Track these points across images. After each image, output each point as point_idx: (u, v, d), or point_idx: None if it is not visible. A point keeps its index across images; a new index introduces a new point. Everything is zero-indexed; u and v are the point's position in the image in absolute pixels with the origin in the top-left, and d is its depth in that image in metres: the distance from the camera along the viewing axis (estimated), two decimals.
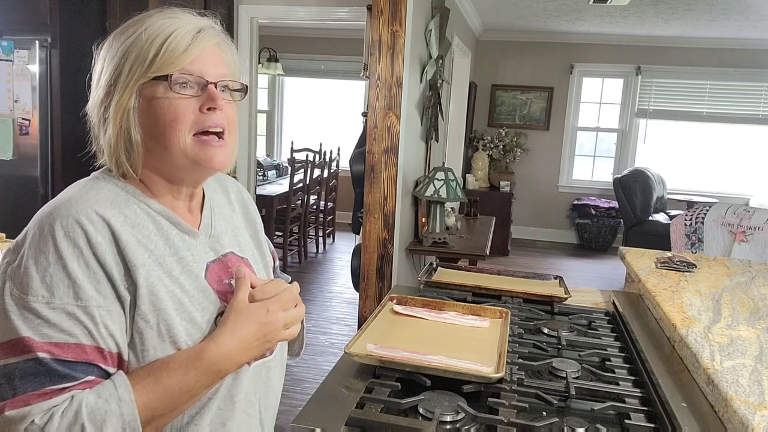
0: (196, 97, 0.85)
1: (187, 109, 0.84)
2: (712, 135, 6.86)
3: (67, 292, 0.76)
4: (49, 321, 0.75)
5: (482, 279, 1.87)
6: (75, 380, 0.75)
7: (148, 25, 0.85)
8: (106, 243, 0.79)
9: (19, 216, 3.77)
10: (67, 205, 0.80)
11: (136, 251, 0.81)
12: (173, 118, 0.83)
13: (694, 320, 1.38)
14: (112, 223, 0.80)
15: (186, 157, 0.85)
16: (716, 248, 3.39)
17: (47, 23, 3.67)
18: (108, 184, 0.86)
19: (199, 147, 0.85)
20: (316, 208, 6.09)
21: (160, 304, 0.81)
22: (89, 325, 0.76)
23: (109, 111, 0.84)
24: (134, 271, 0.80)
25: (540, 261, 6.36)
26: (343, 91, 7.68)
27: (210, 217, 0.96)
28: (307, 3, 4.10)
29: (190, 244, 0.89)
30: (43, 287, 0.75)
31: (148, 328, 0.80)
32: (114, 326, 0.78)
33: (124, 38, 0.86)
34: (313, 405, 1.06)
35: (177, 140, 0.84)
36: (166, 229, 0.87)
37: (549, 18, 5.89)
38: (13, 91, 3.71)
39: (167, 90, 0.83)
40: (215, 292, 0.89)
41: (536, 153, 7.17)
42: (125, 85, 0.83)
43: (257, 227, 1.07)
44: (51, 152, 3.77)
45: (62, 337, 0.75)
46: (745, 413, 0.94)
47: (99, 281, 0.78)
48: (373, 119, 3.25)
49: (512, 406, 1.06)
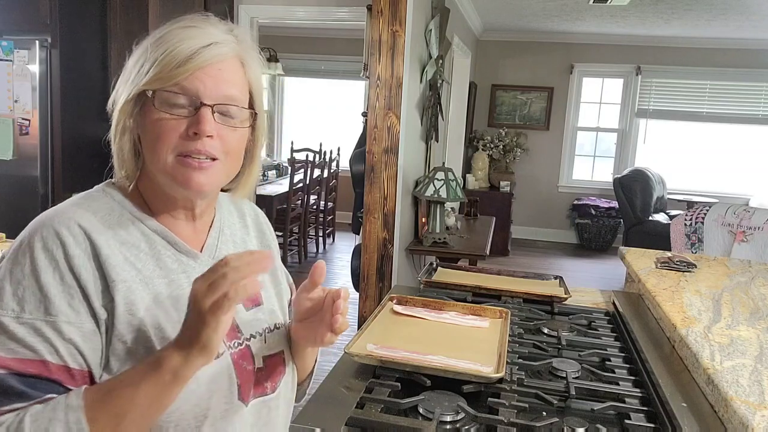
0: (186, 118, 0.78)
1: (172, 129, 0.78)
2: (712, 135, 6.86)
3: (37, 307, 0.72)
4: (14, 336, 0.71)
5: (482, 279, 1.87)
6: (33, 398, 0.70)
7: (165, 32, 0.80)
8: (84, 256, 0.74)
9: (19, 216, 3.78)
10: (52, 216, 0.77)
11: (117, 266, 0.76)
12: (156, 136, 0.78)
13: (694, 320, 1.38)
14: (94, 237, 0.76)
15: (166, 175, 0.79)
16: (716, 248, 3.39)
17: (47, 23, 3.66)
18: (105, 198, 0.82)
19: (177, 167, 0.78)
20: (316, 208, 6.09)
21: (139, 324, 0.76)
22: (56, 341, 0.72)
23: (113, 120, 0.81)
24: (113, 286, 0.75)
25: (540, 261, 6.35)
26: (343, 91, 7.68)
27: (216, 239, 0.90)
28: (307, 3, 4.10)
29: (188, 265, 0.84)
30: (14, 300, 0.72)
31: (125, 350, 0.75)
32: (84, 344, 0.73)
33: (147, 39, 0.81)
34: (313, 405, 1.06)
35: (159, 158, 0.78)
36: (160, 249, 0.82)
37: (549, 18, 5.89)
38: (13, 91, 3.71)
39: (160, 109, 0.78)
40: None
41: (536, 153, 7.17)
42: (127, 90, 0.80)
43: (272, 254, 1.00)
44: (51, 152, 3.76)
45: (26, 354, 0.71)
46: (745, 413, 0.94)
47: (72, 296, 0.73)
48: (373, 119, 3.25)
49: (512, 406, 1.06)
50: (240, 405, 0.83)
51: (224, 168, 0.82)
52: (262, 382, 0.88)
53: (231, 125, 0.81)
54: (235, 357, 0.84)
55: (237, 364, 0.84)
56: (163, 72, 0.77)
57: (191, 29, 0.80)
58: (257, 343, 0.89)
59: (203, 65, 0.78)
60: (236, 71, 0.82)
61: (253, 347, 0.88)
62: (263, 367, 0.88)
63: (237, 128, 0.82)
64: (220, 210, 0.94)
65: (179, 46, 0.77)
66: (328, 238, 6.57)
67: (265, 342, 0.90)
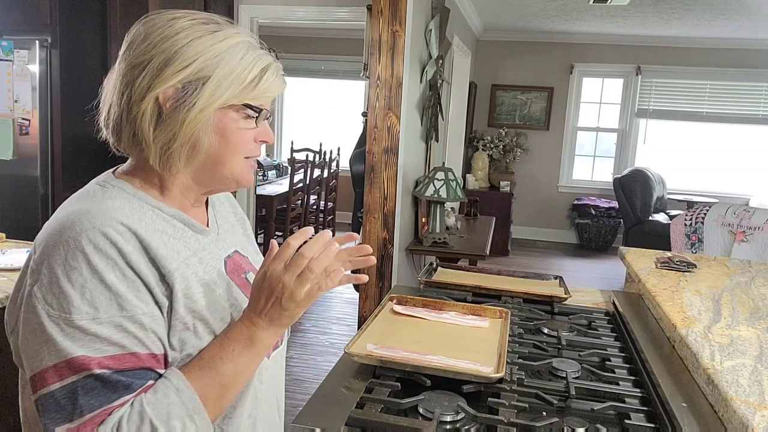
0: (255, 129, 0.87)
1: (249, 138, 0.87)
2: (712, 135, 6.86)
3: (110, 305, 0.75)
4: (99, 336, 0.74)
5: (482, 279, 1.87)
6: (138, 387, 0.76)
7: (239, 41, 0.84)
8: (137, 252, 0.78)
9: (19, 216, 3.78)
10: (88, 218, 0.78)
11: (166, 256, 0.81)
12: (237, 144, 0.85)
13: (694, 320, 1.38)
14: (139, 232, 0.79)
15: (233, 175, 0.87)
16: (716, 248, 3.39)
17: (47, 23, 3.67)
18: (119, 193, 0.84)
19: (246, 169, 0.88)
20: (316, 208, 6.08)
21: (195, 306, 0.82)
22: (139, 333, 0.77)
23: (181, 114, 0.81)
24: (169, 276, 0.80)
25: (540, 261, 6.36)
26: (343, 91, 7.69)
27: (215, 216, 0.98)
28: (307, 3, 4.10)
29: (205, 243, 0.91)
30: (85, 303, 0.74)
31: (185, 330, 0.81)
32: (160, 330, 0.79)
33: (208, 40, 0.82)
34: (313, 405, 1.06)
35: (232, 162, 0.86)
36: (182, 231, 0.87)
37: (549, 18, 5.89)
38: (13, 91, 3.71)
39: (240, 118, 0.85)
40: (238, 286, 0.92)
41: (536, 153, 7.17)
42: (212, 94, 0.81)
43: (246, 225, 1.09)
44: (51, 152, 3.77)
45: (116, 350, 0.75)
46: (745, 413, 0.94)
47: (138, 289, 0.77)
48: (373, 119, 3.25)
49: (512, 406, 1.06)
50: (265, 359, 0.92)
51: None
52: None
53: None
54: None
55: None
56: (265, 93, 0.86)
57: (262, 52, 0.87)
58: None
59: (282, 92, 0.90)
60: None
61: None
62: None
63: None
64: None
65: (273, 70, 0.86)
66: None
67: None
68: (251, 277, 0.97)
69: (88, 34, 3.88)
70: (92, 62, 3.91)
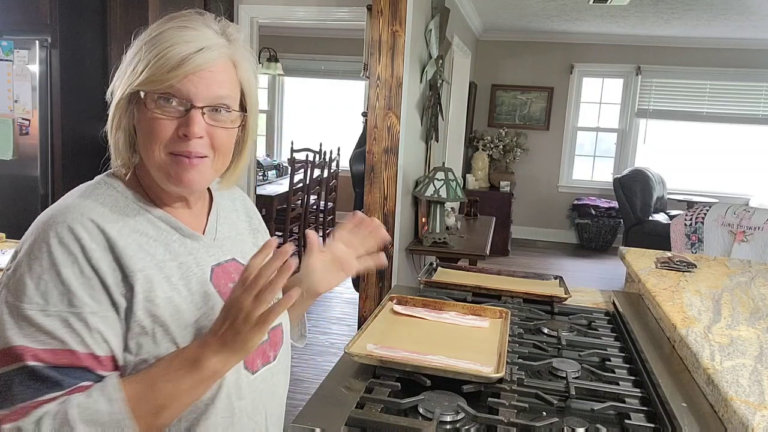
0: (177, 119, 0.81)
1: (164, 128, 0.81)
2: (712, 135, 6.86)
3: (61, 299, 0.75)
4: (42, 328, 0.75)
5: (482, 279, 1.87)
6: (69, 386, 0.75)
7: (159, 31, 0.82)
8: (100, 249, 0.78)
9: (19, 216, 3.78)
10: (63, 212, 0.80)
11: (134, 256, 0.80)
12: (149, 134, 0.82)
13: (694, 320, 1.38)
14: (107, 230, 0.80)
15: (159, 171, 0.84)
16: (716, 248, 3.39)
17: (47, 23, 3.67)
18: (108, 190, 0.86)
19: (170, 164, 0.83)
20: (316, 208, 6.08)
21: (156, 310, 0.80)
22: (83, 332, 0.76)
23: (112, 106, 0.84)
24: (132, 276, 0.79)
25: (540, 261, 6.36)
26: (343, 91, 7.68)
27: (215, 221, 0.96)
28: (307, 3, 4.10)
29: (193, 248, 0.89)
30: (38, 294, 0.75)
31: (143, 335, 0.80)
32: (109, 331, 0.78)
33: (144, 35, 0.83)
34: (313, 405, 1.06)
35: (152, 155, 0.83)
36: (167, 234, 0.86)
37: (549, 18, 5.89)
38: (13, 91, 3.71)
39: (152, 108, 0.81)
40: (220, 295, 0.89)
41: (536, 153, 7.17)
42: (124, 86, 0.82)
43: (259, 236, 1.06)
44: (51, 152, 3.77)
45: (56, 344, 0.75)
46: (745, 413, 0.94)
47: (93, 287, 0.77)
48: (373, 119, 3.25)
49: (512, 406, 1.06)
50: (247, 374, 0.89)
51: (214, 165, 0.87)
52: (267, 351, 0.95)
53: (221, 125, 0.85)
54: None
55: None
56: (156, 75, 0.79)
57: (185, 31, 0.81)
58: None
59: (195, 70, 0.80)
60: (227, 72, 0.85)
61: None
62: (267, 339, 0.94)
63: (227, 128, 0.86)
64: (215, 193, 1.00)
65: (171, 51, 0.79)
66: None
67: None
68: None
69: (88, 34, 3.87)
70: (92, 62, 3.91)
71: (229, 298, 0.78)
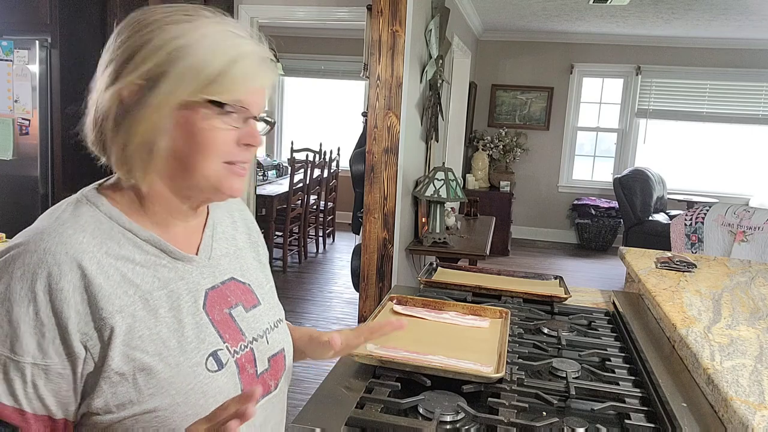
0: (236, 129, 0.77)
1: (225, 139, 0.76)
2: (712, 135, 6.86)
3: (3, 341, 0.66)
4: None
5: (482, 279, 1.87)
6: None
7: (205, 33, 0.74)
8: (70, 290, 0.68)
9: (19, 216, 3.78)
10: (36, 239, 0.70)
11: (113, 294, 0.71)
12: (208, 145, 0.75)
13: (694, 320, 1.38)
14: (85, 265, 0.70)
15: (208, 181, 0.77)
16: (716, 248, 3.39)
17: (47, 23, 3.67)
18: (90, 210, 0.76)
19: (225, 175, 0.77)
20: (316, 208, 6.09)
21: (136, 354, 0.71)
22: (16, 383, 0.67)
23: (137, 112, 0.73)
24: (108, 319, 0.70)
25: (540, 261, 6.36)
26: (343, 91, 7.68)
27: (211, 238, 0.87)
28: (307, 3, 4.10)
29: (185, 271, 0.80)
30: None
31: (122, 381, 0.71)
32: (46, 387, 0.68)
33: (173, 32, 0.73)
34: (313, 405, 1.06)
35: (205, 166, 0.75)
36: (155, 258, 0.77)
37: (549, 18, 5.89)
38: (13, 91, 3.71)
39: (213, 116, 0.74)
40: (214, 324, 0.80)
41: (536, 153, 7.17)
42: (169, 91, 0.72)
43: (260, 249, 0.99)
44: (51, 152, 3.77)
45: None
46: (745, 413, 0.94)
47: (43, 335, 0.67)
48: (373, 119, 3.25)
49: (512, 406, 1.06)
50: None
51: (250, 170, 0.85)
52: (268, 381, 0.88)
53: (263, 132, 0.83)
54: (240, 362, 0.82)
55: (242, 369, 0.82)
56: (235, 84, 0.74)
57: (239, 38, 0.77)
58: (261, 346, 0.87)
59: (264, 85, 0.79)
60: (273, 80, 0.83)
61: (256, 351, 0.86)
62: (268, 368, 0.88)
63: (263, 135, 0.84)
64: (212, 208, 0.92)
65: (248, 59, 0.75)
66: (328, 238, 6.57)
67: (268, 342, 0.89)
68: (238, 311, 0.85)
69: (88, 34, 3.88)
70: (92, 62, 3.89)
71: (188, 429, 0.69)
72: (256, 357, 0.86)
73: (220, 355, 0.79)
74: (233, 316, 0.84)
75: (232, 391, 0.79)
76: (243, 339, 0.84)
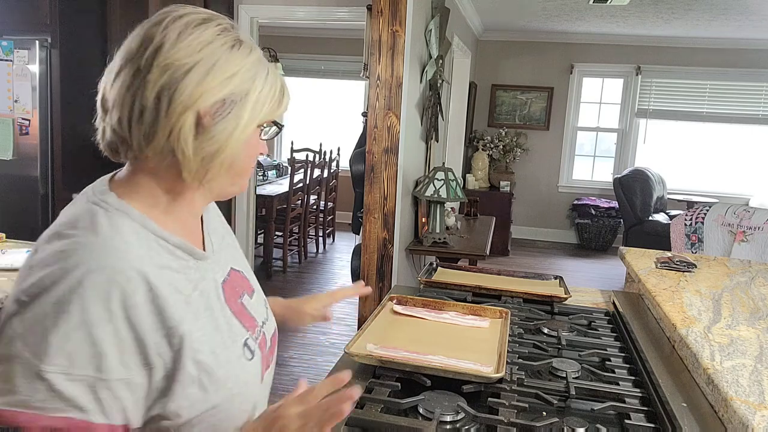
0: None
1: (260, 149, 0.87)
2: (712, 135, 6.86)
3: (89, 363, 0.66)
4: (62, 395, 0.65)
5: (482, 279, 1.87)
6: None
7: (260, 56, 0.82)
8: (143, 304, 0.70)
9: (19, 216, 3.78)
10: (95, 255, 0.69)
11: (174, 305, 0.73)
12: (254, 157, 0.85)
13: (694, 320, 1.38)
14: (150, 279, 0.71)
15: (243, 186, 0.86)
16: (716, 248, 3.39)
17: (47, 23, 3.67)
18: (126, 220, 0.75)
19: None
20: (316, 208, 6.09)
21: (198, 355, 0.74)
22: (107, 400, 0.68)
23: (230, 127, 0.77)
24: (176, 329, 0.72)
25: (540, 261, 6.36)
26: (343, 91, 7.68)
27: (209, 234, 0.90)
28: (307, 3, 4.10)
29: (204, 270, 0.82)
30: (62, 355, 0.65)
31: (191, 384, 0.73)
32: (129, 399, 0.70)
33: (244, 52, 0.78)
34: None
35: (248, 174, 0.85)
36: (185, 263, 0.79)
37: (549, 18, 5.89)
38: (13, 91, 3.71)
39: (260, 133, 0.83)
40: (235, 315, 0.84)
41: (536, 153, 7.17)
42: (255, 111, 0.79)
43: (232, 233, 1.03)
44: (51, 152, 3.77)
45: (74, 413, 0.66)
46: (745, 413, 0.94)
47: (124, 351, 0.68)
48: (373, 119, 3.25)
49: (512, 406, 1.06)
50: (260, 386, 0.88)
51: None
52: (269, 359, 0.93)
53: None
54: (261, 346, 0.89)
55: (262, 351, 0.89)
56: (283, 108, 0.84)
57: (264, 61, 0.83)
58: (266, 328, 0.93)
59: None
60: None
61: (266, 332, 0.93)
62: (270, 346, 0.94)
63: None
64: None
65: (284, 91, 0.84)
66: (328, 238, 6.57)
67: (268, 323, 0.95)
68: (246, 299, 0.90)
69: (88, 34, 3.87)
70: (92, 62, 3.91)
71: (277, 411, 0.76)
72: (267, 339, 0.92)
73: (249, 344, 0.85)
74: (245, 305, 0.89)
75: (258, 376, 0.86)
76: (256, 324, 0.90)
